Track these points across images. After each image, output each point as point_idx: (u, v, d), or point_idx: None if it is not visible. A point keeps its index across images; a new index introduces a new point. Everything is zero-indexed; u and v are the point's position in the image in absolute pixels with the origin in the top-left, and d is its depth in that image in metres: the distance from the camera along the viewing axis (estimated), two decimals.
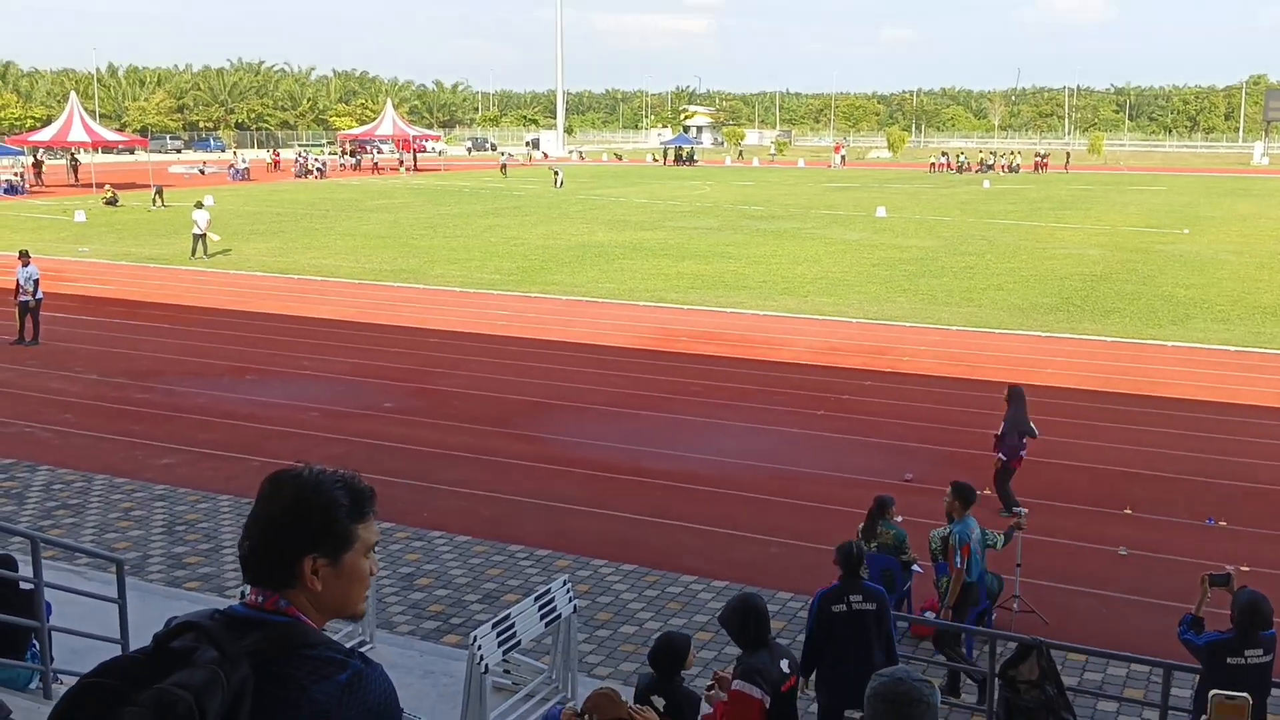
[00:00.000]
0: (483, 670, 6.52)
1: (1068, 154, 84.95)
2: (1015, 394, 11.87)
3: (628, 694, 5.78)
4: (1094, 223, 42.58)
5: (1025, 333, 21.78)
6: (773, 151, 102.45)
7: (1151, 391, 17.30)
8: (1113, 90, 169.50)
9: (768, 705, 5.59)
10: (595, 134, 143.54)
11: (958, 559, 8.30)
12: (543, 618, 7.28)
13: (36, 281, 19.99)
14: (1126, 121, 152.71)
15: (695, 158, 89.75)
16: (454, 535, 11.46)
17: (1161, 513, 12.21)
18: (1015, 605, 9.32)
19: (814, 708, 7.03)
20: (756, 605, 5.87)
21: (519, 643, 7.05)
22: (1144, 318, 23.25)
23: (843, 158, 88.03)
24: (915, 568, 9.54)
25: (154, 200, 46.52)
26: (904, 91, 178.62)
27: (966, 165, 79.00)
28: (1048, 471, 12.76)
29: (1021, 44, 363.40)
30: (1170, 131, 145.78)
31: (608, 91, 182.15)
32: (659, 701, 5.73)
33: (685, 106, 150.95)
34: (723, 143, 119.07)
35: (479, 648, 6.56)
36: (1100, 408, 16.28)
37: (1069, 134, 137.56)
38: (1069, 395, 16.85)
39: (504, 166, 72.96)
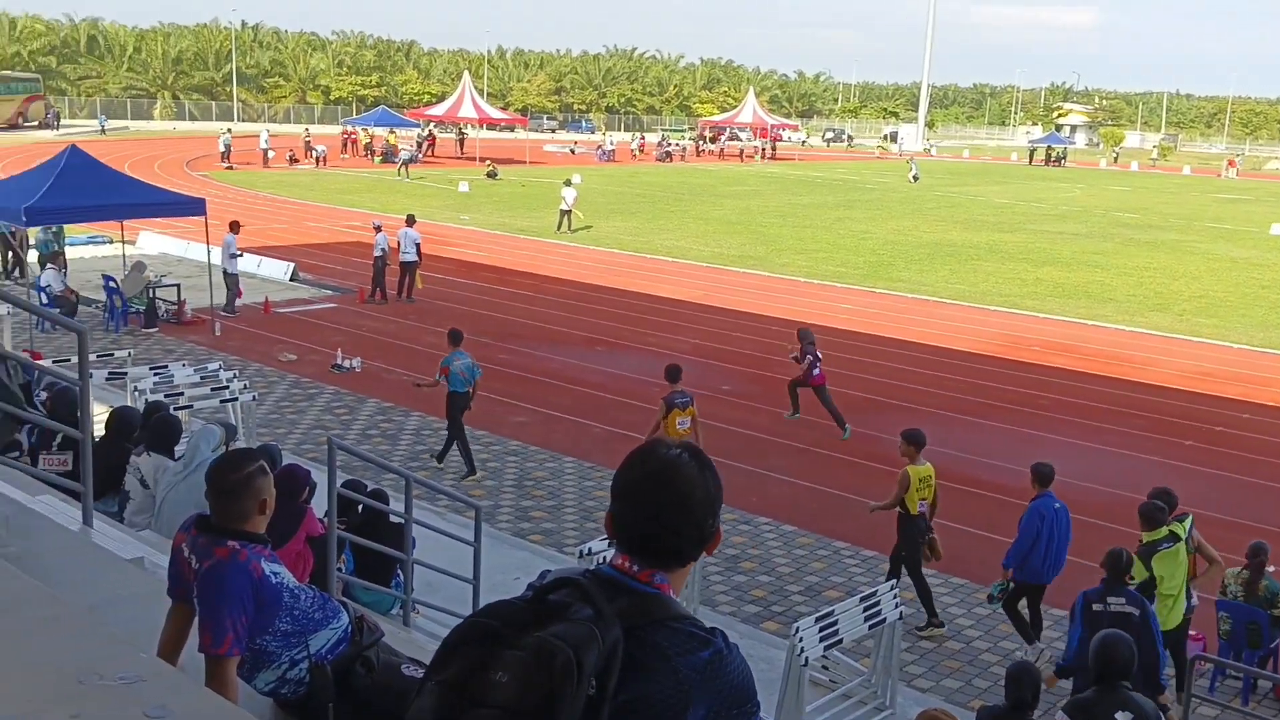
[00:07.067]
0: (803, 663, 6.49)
1: None
2: (803, 334, 14.97)
3: (958, 713, 5.54)
4: None
5: None
6: (1154, 156, 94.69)
7: None
8: None
9: None
10: (958, 129, 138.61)
11: None
12: (867, 619, 7.15)
13: (417, 244, 21.97)
14: None
15: (1065, 158, 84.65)
16: (780, 524, 11.50)
17: None
18: None
19: None
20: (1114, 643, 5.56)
21: (841, 641, 6.96)
22: None
23: (1236, 169, 79.88)
24: None
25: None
26: None
27: None
28: None
29: None
30: None
31: (975, 86, 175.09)
32: None
33: (1059, 104, 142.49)
34: (1098, 144, 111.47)
35: (800, 639, 6.53)
36: None
37: None
38: None
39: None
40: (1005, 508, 12.04)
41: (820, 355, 14.84)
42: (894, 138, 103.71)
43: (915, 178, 58.85)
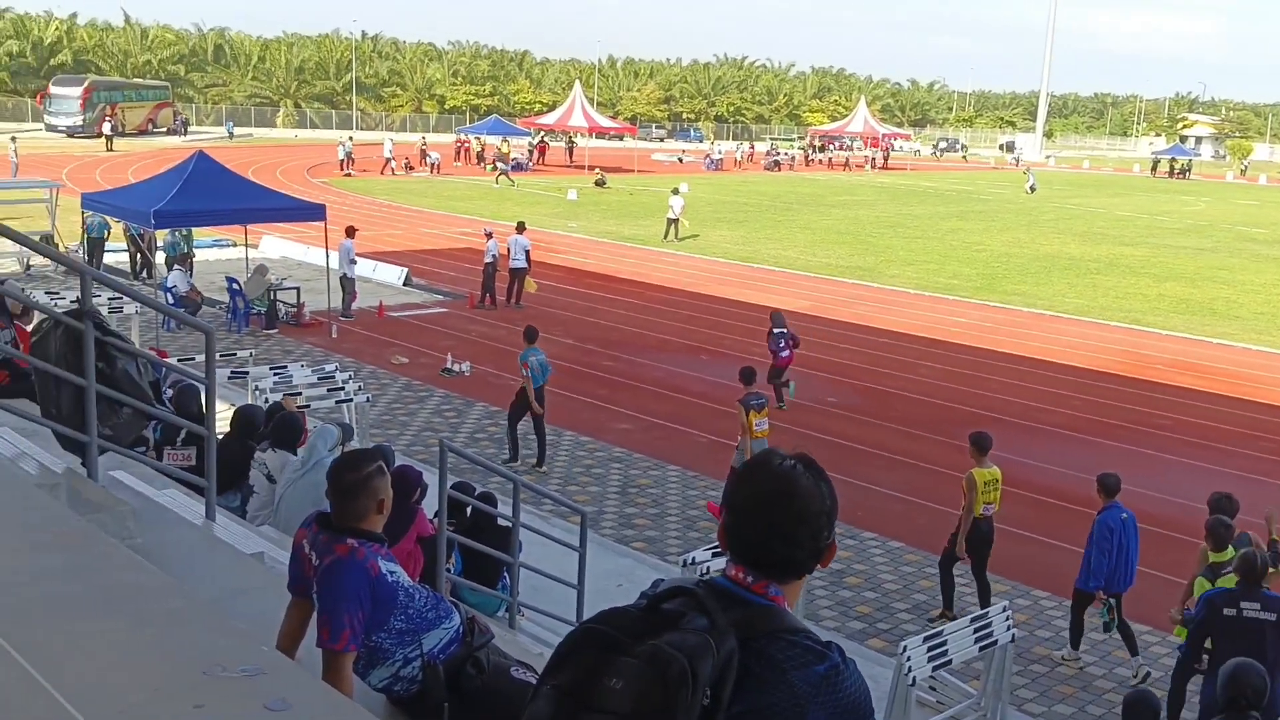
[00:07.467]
0: (910, 683, 6.37)
1: None
2: (774, 316, 15.97)
3: None
4: None
5: None
6: None
7: None
8: None
9: None
10: (1077, 139, 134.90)
11: None
12: (977, 641, 6.98)
13: (527, 251, 22.25)
14: None
15: (1189, 170, 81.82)
16: (887, 539, 11.31)
17: None
18: None
19: None
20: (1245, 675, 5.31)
21: (950, 662, 6.81)
22: None
23: None
24: None
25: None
26: None
27: None
28: None
29: None
30: None
31: (1096, 95, 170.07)
32: None
33: (1184, 114, 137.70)
34: (1225, 156, 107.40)
35: (908, 659, 6.40)
36: None
37: None
38: None
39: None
40: None
41: (793, 336, 15.86)
42: (1010, 147, 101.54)
43: (1032, 188, 57.47)
